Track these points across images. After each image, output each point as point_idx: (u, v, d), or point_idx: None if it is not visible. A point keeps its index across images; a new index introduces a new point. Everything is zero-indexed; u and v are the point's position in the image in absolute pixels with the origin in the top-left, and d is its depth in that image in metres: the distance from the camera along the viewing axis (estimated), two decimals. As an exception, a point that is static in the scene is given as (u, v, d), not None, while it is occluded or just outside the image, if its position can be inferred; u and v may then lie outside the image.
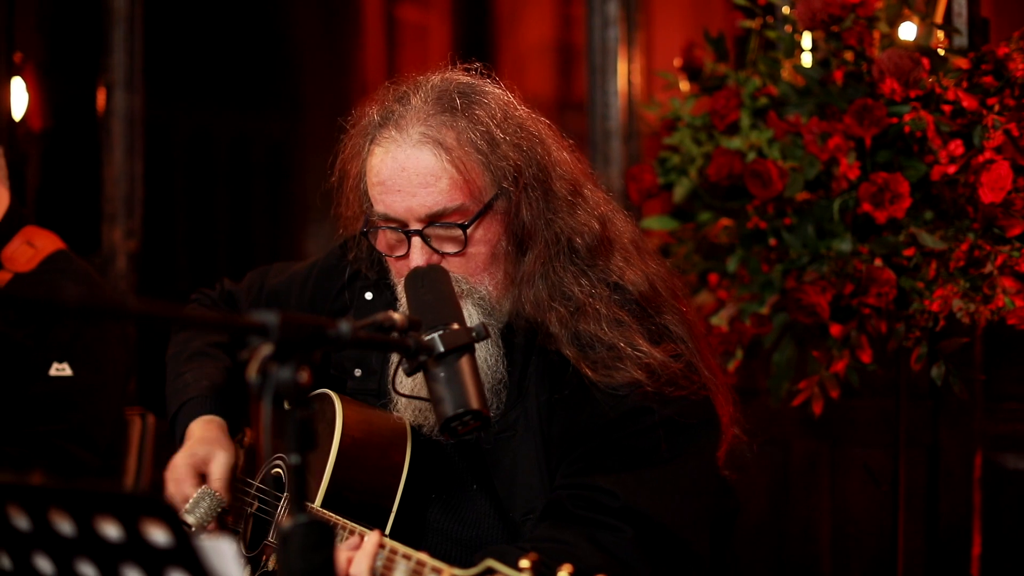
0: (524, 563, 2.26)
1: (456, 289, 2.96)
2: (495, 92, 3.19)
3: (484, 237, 3.09)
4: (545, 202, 3.12)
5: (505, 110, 3.15)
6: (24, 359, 4.36)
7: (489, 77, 3.25)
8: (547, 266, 3.10)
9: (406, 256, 3.10)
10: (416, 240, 3.07)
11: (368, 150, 3.15)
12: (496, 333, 3.13)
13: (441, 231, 3.06)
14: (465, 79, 3.20)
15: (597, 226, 3.17)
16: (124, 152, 6.58)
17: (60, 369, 4.34)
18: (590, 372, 3.00)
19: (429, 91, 3.14)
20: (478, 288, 3.12)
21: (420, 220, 3.05)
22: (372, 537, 2.74)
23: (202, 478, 3.30)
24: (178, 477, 3.29)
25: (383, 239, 3.20)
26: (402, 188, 3.05)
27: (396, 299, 3.25)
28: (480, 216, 3.06)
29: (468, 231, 3.05)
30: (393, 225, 3.11)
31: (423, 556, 2.59)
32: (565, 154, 3.25)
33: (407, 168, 3.04)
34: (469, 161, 3.04)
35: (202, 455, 3.32)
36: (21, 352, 4.36)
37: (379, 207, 3.11)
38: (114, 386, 4.56)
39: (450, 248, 3.08)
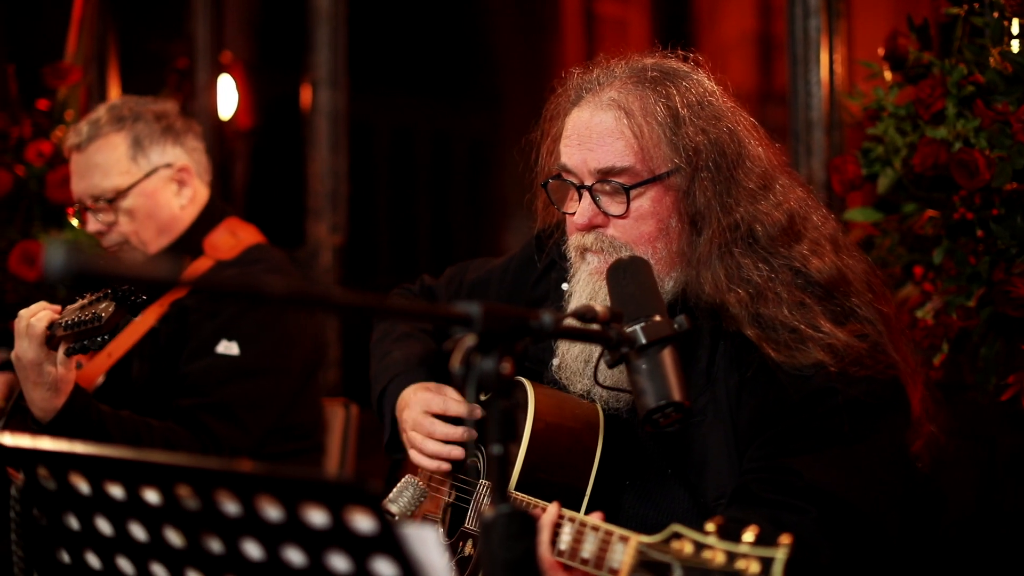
0: (710, 526, 2.28)
1: None
2: (699, 80, 3.28)
3: (651, 208, 3.17)
4: (727, 188, 3.16)
5: (703, 96, 3.23)
6: (195, 335, 4.48)
7: (700, 67, 3.34)
8: (723, 250, 3.14)
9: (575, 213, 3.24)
10: (585, 195, 3.20)
11: (568, 111, 3.31)
12: None
13: (608, 189, 3.18)
14: (672, 64, 3.31)
15: (782, 218, 3.19)
16: (328, 148, 6.71)
17: (228, 347, 4.43)
18: (773, 353, 3.03)
19: (632, 65, 3.28)
20: None
21: (591, 174, 3.19)
22: (551, 509, 2.81)
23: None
24: (415, 420, 3.43)
25: (559, 190, 3.34)
26: (582, 142, 3.21)
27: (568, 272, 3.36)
28: (647, 183, 3.16)
29: (631, 193, 3.15)
30: (570, 179, 3.25)
31: (610, 526, 2.64)
32: (761, 149, 3.27)
33: (591, 125, 3.21)
34: (649, 130, 3.15)
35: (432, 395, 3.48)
36: (194, 329, 4.48)
37: (562, 159, 3.26)
38: (286, 375, 4.62)
39: (614, 210, 3.19)
